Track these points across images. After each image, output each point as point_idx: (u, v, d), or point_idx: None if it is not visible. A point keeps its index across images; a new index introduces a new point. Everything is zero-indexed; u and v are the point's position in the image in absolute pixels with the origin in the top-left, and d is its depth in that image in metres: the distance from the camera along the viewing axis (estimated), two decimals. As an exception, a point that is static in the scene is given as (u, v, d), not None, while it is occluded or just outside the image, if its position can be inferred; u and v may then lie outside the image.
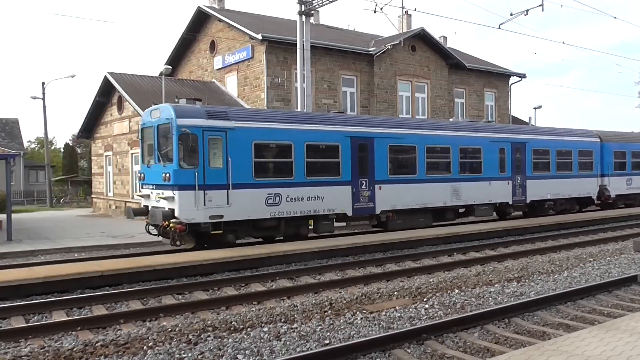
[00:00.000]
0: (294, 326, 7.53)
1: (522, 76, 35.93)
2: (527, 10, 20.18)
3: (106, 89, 28.18)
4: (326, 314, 8.23)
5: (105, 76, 27.11)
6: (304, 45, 20.37)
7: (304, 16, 20.37)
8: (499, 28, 20.79)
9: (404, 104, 29.63)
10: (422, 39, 30.18)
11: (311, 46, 20.98)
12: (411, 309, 8.36)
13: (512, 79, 35.81)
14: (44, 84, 39.97)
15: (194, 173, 13.21)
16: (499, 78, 34.94)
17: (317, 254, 13.63)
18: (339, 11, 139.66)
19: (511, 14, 20.52)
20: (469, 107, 33.16)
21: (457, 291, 9.55)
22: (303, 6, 20.26)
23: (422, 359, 6.47)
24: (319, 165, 15.47)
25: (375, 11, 19.44)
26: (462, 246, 15.49)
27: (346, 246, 14.22)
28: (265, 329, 7.42)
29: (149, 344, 6.87)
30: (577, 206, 23.92)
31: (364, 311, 8.31)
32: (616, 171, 25.00)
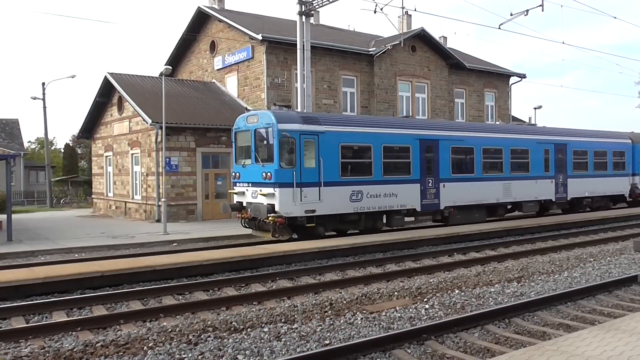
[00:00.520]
0: (294, 326, 7.53)
1: (522, 76, 35.94)
2: (527, 11, 20.24)
3: (106, 90, 28.18)
4: (326, 314, 8.23)
5: (106, 76, 27.12)
6: (304, 45, 20.38)
7: (304, 16, 20.38)
8: (499, 28, 20.83)
9: (404, 104, 29.63)
10: (422, 39, 30.19)
11: (311, 46, 20.98)
12: (411, 309, 8.35)
13: (512, 79, 35.86)
14: (44, 84, 39.97)
15: (292, 172, 14.75)
16: (499, 78, 34.94)
17: (317, 254, 13.64)
18: (338, 11, 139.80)
19: (511, 14, 20.56)
20: (469, 107, 33.15)
21: (457, 291, 9.54)
22: (303, 6, 20.26)
23: (423, 359, 6.47)
24: (393, 165, 17.06)
25: (375, 11, 19.49)
26: (462, 246, 15.51)
27: (346, 246, 14.24)
28: (266, 329, 7.42)
29: (149, 345, 6.88)
30: (610, 203, 25.45)
31: (364, 311, 8.31)
32: None
